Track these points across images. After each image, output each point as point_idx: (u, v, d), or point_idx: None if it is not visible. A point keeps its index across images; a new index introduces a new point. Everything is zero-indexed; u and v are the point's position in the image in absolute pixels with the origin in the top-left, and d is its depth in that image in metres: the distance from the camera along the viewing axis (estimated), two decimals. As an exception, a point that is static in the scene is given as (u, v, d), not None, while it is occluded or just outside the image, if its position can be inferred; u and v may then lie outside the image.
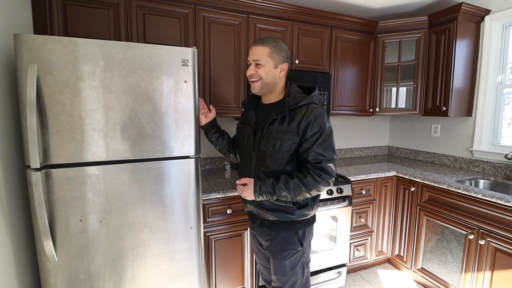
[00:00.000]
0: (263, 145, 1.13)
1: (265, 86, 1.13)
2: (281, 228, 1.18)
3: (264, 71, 1.10)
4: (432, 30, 2.13)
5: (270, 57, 1.10)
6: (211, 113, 1.39)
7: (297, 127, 1.06)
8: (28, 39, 0.98)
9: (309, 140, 1.06)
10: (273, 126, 1.11)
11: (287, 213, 1.14)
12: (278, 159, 1.10)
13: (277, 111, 1.10)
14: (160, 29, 1.63)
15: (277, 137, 1.09)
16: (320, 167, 1.06)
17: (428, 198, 1.92)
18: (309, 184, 1.05)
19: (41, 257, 1.09)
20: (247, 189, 1.13)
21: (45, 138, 1.04)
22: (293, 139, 1.07)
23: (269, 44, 1.10)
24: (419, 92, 2.23)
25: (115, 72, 1.09)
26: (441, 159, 2.38)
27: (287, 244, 1.18)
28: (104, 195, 1.14)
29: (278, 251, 1.19)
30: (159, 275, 1.27)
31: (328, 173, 1.06)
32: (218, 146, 1.41)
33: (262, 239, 1.26)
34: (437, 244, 1.88)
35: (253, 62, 1.11)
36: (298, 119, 1.07)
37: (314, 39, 2.05)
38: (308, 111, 1.07)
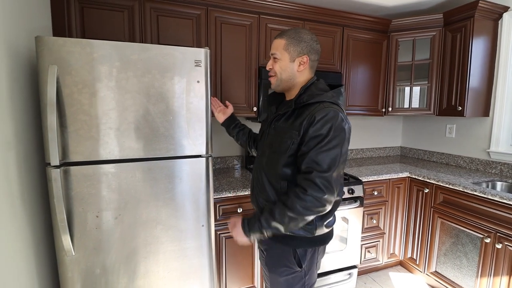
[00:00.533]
0: (266, 142, 1.05)
1: (281, 82, 1.02)
2: (277, 240, 1.01)
3: (279, 66, 1.00)
4: (448, 28, 2.08)
5: (286, 50, 0.98)
6: (228, 109, 1.40)
7: (300, 125, 0.91)
8: (49, 41, 1.02)
9: (307, 143, 0.88)
10: (279, 122, 1.01)
11: None
12: (275, 159, 0.97)
13: (285, 107, 1.00)
14: (173, 30, 1.66)
15: (279, 135, 0.98)
16: (308, 179, 0.86)
17: (443, 200, 1.87)
18: (294, 205, 0.86)
19: (59, 251, 1.13)
20: (234, 229, 0.99)
21: (64, 137, 1.07)
22: (293, 138, 0.92)
23: (286, 35, 0.99)
24: (434, 91, 2.18)
25: (130, 73, 1.12)
26: (456, 160, 2.32)
27: (282, 260, 1.02)
28: (119, 192, 1.17)
29: (272, 264, 1.06)
30: (171, 271, 1.30)
31: (316, 186, 0.85)
32: (239, 141, 1.39)
33: (261, 246, 1.14)
34: (452, 247, 1.83)
35: (271, 56, 1.03)
36: (304, 117, 0.91)
37: (325, 39, 2.04)
38: (316, 110, 0.89)
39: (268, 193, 1.01)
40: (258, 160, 1.09)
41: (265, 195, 1.03)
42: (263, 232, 0.93)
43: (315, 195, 0.85)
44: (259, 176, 1.06)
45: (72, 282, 1.16)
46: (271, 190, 1.00)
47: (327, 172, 0.86)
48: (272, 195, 1.00)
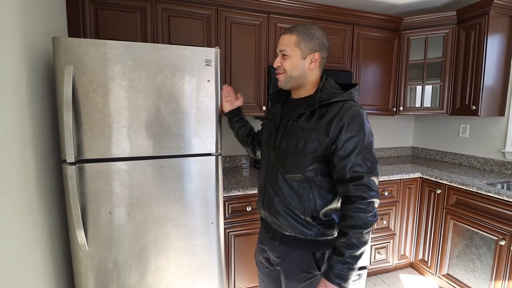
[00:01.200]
0: (284, 143, 0.96)
1: (291, 80, 0.98)
2: (295, 245, 0.98)
3: (289, 63, 0.95)
4: (461, 26, 2.03)
5: (297, 46, 0.94)
6: (238, 101, 1.35)
7: (326, 126, 0.88)
8: (65, 42, 1.05)
9: (344, 146, 0.85)
10: (299, 122, 0.94)
11: (303, 226, 0.94)
12: (299, 161, 0.92)
13: (305, 105, 0.93)
14: (183, 30, 1.68)
15: (302, 135, 0.92)
16: (361, 185, 0.84)
17: (456, 201, 1.84)
18: (364, 221, 0.84)
19: (74, 246, 1.16)
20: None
21: (79, 135, 1.11)
22: (320, 139, 0.88)
23: (297, 31, 0.94)
24: (447, 90, 2.13)
25: (143, 72, 1.15)
26: (470, 161, 2.27)
27: (301, 265, 0.98)
28: (131, 189, 1.20)
29: (291, 271, 0.99)
30: (181, 268, 1.32)
31: (372, 189, 0.85)
32: (238, 136, 1.34)
33: (273, 254, 1.06)
34: (465, 250, 1.79)
35: (279, 52, 0.98)
36: (330, 117, 0.88)
37: (335, 37, 2.03)
38: (343, 110, 0.87)
39: (287, 198, 0.95)
40: (274, 163, 1.00)
41: (283, 200, 0.96)
42: (354, 268, 0.86)
43: (374, 198, 0.85)
44: (274, 180, 0.98)
45: (85, 276, 1.19)
46: (291, 195, 0.94)
47: (374, 171, 0.86)
48: (292, 200, 0.94)
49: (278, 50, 0.99)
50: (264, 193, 1.03)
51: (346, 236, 0.84)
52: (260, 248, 1.14)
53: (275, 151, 1.00)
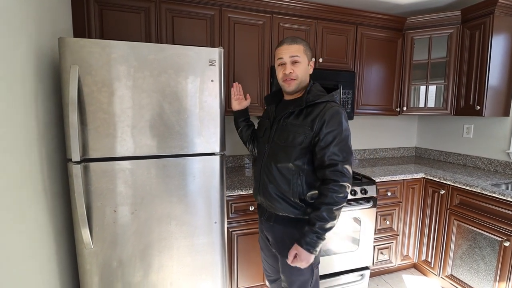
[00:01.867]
0: (276, 137, 1.14)
1: (300, 84, 1.14)
2: (287, 224, 1.14)
3: (300, 69, 1.11)
4: (466, 25, 2.02)
5: (305, 53, 1.12)
6: (246, 102, 1.44)
7: (311, 122, 1.05)
8: (70, 42, 1.07)
9: (324, 139, 1.03)
10: (289, 119, 1.12)
11: (293, 207, 1.11)
12: (289, 152, 1.09)
13: (295, 105, 1.12)
14: (187, 31, 1.69)
15: (291, 130, 1.09)
16: (336, 171, 1.01)
17: (459, 202, 1.83)
18: (335, 199, 1.00)
19: (79, 244, 1.18)
20: (300, 259, 1.03)
21: (84, 134, 1.12)
22: (306, 133, 1.06)
23: (301, 41, 1.12)
24: (451, 90, 2.12)
25: (147, 72, 1.16)
26: (474, 162, 2.25)
27: (292, 242, 1.10)
28: (135, 188, 1.21)
29: (285, 249, 1.13)
30: (184, 266, 1.33)
31: (344, 175, 1.02)
32: (242, 134, 1.45)
33: (269, 235, 1.23)
34: (469, 251, 1.78)
35: (289, 59, 1.10)
36: (314, 115, 1.06)
37: (338, 37, 2.02)
38: (325, 109, 1.05)
39: (279, 183, 1.12)
40: (268, 154, 1.17)
41: (276, 185, 1.13)
42: (322, 238, 1.02)
43: (345, 183, 1.02)
44: (268, 169, 1.15)
45: (90, 274, 1.20)
46: (282, 181, 1.11)
47: (348, 160, 1.03)
48: (283, 185, 1.11)
49: (287, 57, 1.11)
50: (260, 180, 1.19)
51: (318, 210, 1.01)
52: (261, 229, 1.31)
53: (269, 145, 1.17)
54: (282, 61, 1.12)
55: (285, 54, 1.11)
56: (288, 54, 1.10)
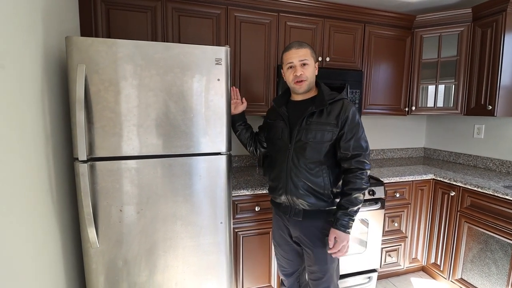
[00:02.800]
0: (303, 136, 1.19)
1: (309, 84, 1.23)
2: (317, 217, 1.23)
3: (309, 71, 1.21)
4: (477, 23, 1.98)
5: (312, 56, 1.22)
6: (242, 106, 1.45)
7: (336, 119, 1.16)
8: (78, 41, 1.07)
9: (348, 133, 1.15)
10: (313, 118, 1.19)
11: (324, 201, 1.20)
12: (319, 148, 1.18)
13: (316, 105, 1.19)
14: (193, 30, 1.68)
15: (318, 129, 1.17)
16: (359, 161, 1.15)
17: (470, 204, 1.78)
18: (361, 186, 1.15)
19: (85, 243, 1.17)
20: (340, 238, 1.16)
21: (91, 133, 1.12)
22: (333, 130, 1.16)
23: (307, 46, 1.22)
24: (461, 90, 2.08)
25: (153, 71, 1.15)
26: (485, 163, 2.20)
27: (322, 232, 1.23)
28: (141, 188, 1.21)
29: (317, 240, 1.23)
30: (190, 266, 1.32)
31: (367, 164, 1.17)
32: (241, 137, 1.47)
33: (295, 230, 1.28)
34: (480, 254, 1.74)
35: (299, 62, 1.20)
36: (336, 112, 1.16)
37: (346, 36, 2.00)
38: (345, 106, 1.17)
39: (311, 179, 1.19)
40: (294, 153, 1.22)
41: (307, 182, 1.20)
42: (353, 219, 1.17)
43: (367, 171, 1.17)
44: (296, 167, 1.21)
45: (96, 273, 1.20)
46: (314, 176, 1.19)
47: (367, 150, 1.18)
48: (315, 181, 1.19)
49: (296, 61, 1.20)
50: (286, 180, 1.23)
51: (349, 196, 1.15)
52: (281, 225, 1.36)
53: (292, 144, 1.22)
54: (292, 65, 1.21)
55: (294, 58, 1.20)
56: (298, 58, 1.19)
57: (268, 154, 1.42)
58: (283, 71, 1.29)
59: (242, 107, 1.45)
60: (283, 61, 1.26)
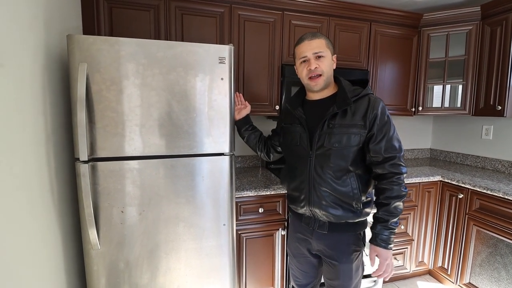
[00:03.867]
0: (326, 142, 1.04)
1: (327, 80, 1.07)
2: (345, 230, 1.10)
3: (325, 64, 1.05)
4: (486, 22, 1.93)
5: (328, 47, 1.07)
6: (245, 110, 1.40)
7: (363, 119, 1.01)
8: (79, 40, 1.05)
9: (378, 133, 1.01)
10: (335, 120, 1.03)
11: (352, 212, 1.07)
12: (345, 154, 1.03)
13: (338, 105, 1.03)
14: (196, 28, 1.66)
15: (342, 132, 1.02)
16: (395, 164, 1.01)
17: (479, 206, 1.74)
18: (400, 193, 1.01)
19: (86, 245, 1.16)
20: (382, 256, 1.04)
21: (93, 133, 1.10)
22: (361, 132, 1.01)
23: (322, 36, 1.07)
24: (470, 90, 2.03)
25: (156, 70, 1.13)
26: (494, 164, 2.15)
27: (351, 246, 1.11)
28: (143, 189, 1.18)
29: (344, 254, 1.11)
30: (192, 269, 1.29)
31: (402, 166, 1.02)
32: (249, 142, 1.41)
33: (320, 244, 1.15)
34: (489, 258, 1.69)
35: (313, 55, 1.05)
36: (362, 111, 1.01)
37: (351, 35, 1.96)
38: (372, 102, 1.02)
39: (337, 189, 1.05)
40: (316, 160, 1.07)
41: (333, 192, 1.06)
42: (395, 232, 1.03)
43: (404, 175, 1.02)
44: (320, 176, 1.06)
45: (97, 275, 1.18)
46: (340, 186, 1.05)
47: (402, 151, 1.03)
48: (342, 191, 1.05)
49: (310, 53, 1.05)
50: (309, 191, 1.09)
51: (387, 206, 1.01)
52: (302, 239, 1.21)
53: (314, 151, 1.07)
54: (306, 59, 1.06)
55: (308, 51, 1.05)
56: (311, 51, 1.04)
57: (286, 161, 1.28)
58: (296, 67, 1.15)
59: (245, 111, 1.39)
60: (295, 56, 1.12)
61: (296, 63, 1.13)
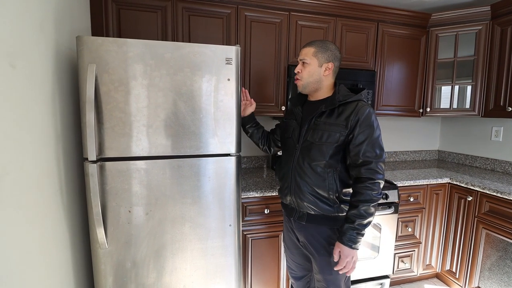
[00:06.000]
0: (309, 136, 1.15)
1: (308, 85, 1.18)
2: (321, 223, 1.16)
3: (306, 70, 1.16)
4: (496, 22, 1.90)
5: (315, 56, 1.15)
6: (251, 108, 1.45)
7: (345, 121, 1.08)
8: (88, 41, 1.06)
9: (358, 137, 1.07)
10: (321, 118, 1.14)
11: (327, 205, 1.14)
12: (324, 150, 1.11)
13: (326, 105, 1.14)
14: (203, 29, 1.67)
15: (325, 129, 1.12)
16: (370, 169, 1.05)
17: (489, 209, 1.71)
18: (372, 197, 1.04)
19: (94, 244, 1.17)
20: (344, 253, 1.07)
21: (101, 133, 1.11)
22: (341, 131, 1.09)
23: (315, 44, 1.16)
24: (479, 91, 2.00)
25: (163, 71, 1.14)
26: (504, 167, 2.11)
27: (327, 240, 1.17)
28: (150, 189, 1.19)
29: (321, 247, 1.17)
30: (198, 269, 1.30)
31: (378, 173, 1.05)
32: (252, 137, 1.47)
33: (300, 234, 1.24)
34: (498, 262, 1.66)
35: (299, 61, 1.18)
36: (347, 114, 1.09)
37: (358, 35, 1.95)
38: (357, 108, 1.08)
39: (314, 181, 1.13)
40: (300, 153, 1.17)
41: (310, 184, 1.14)
42: (362, 234, 1.07)
43: (380, 180, 1.05)
44: (301, 168, 1.16)
45: (104, 274, 1.19)
46: (317, 179, 1.13)
47: (381, 157, 1.07)
48: (318, 183, 1.13)
49: (298, 59, 1.19)
50: (291, 181, 1.19)
51: (356, 208, 1.05)
52: (288, 228, 1.32)
53: (299, 144, 1.18)
54: (298, 61, 1.21)
55: (299, 56, 1.19)
56: (300, 56, 1.19)
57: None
58: None
59: (251, 109, 1.44)
60: None
61: None
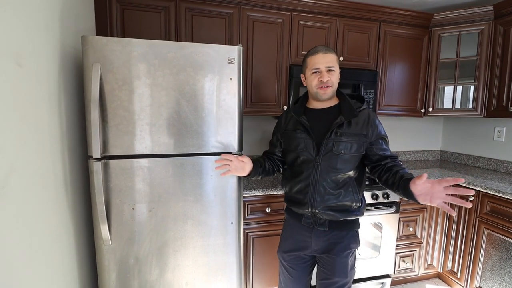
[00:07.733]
0: (334, 148, 1.13)
1: (333, 91, 1.19)
2: (345, 227, 1.20)
3: (335, 77, 1.16)
4: (499, 22, 1.90)
5: (337, 63, 1.17)
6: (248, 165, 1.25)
7: (365, 129, 1.14)
8: (93, 41, 1.08)
9: (378, 141, 1.16)
10: (342, 129, 1.14)
11: (351, 211, 1.17)
12: (350, 160, 1.14)
13: (345, 115, 1.14)
14: (206, 29, 1.68)
15: (349, 140, 1.13)
16: (394, 159, 1.15)
17: (491, 209, 1.71)
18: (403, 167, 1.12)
19: (98, 240, 1.19)
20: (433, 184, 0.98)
21: (105, 131, 1.13)
22: (364, 140, 1.14)
23: (333, 51, 1.18)
24: (481, 91, 2.00)
25: (167, 70, 1.15)
26: (506, 167, 2.10)
27: (351, 243, 1.20)
28: (153, 186, 1.21)
29: (342, 248, 1.19)
30: (200, 266, 1.31)
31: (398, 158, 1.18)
32: (269, 175, 1.36)
33: (319, 241, 1.19)
34: (500, 262, 1.66)
35: (325, 68, 1.14)
36: (363, 122, 1.14)
37: (360, 35, 1.96)
38: (370, 115, 1.17)
39: (340, 192, 1.15)
40: (322, 165, 1.14)
41: (336, 195, 1.15)
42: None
43: None
44: (325, 180, 1.15)
45: (108, 270, 1.21)
46: (342, 189, 1.15)
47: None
48: (343, 194, 1.15)
49: (323, 66, 1.14)
50: (314, 193, 1.16)
51: (403, 169, 1.08)
52: (300, 240, 1.24)
53: (321, 156, 1.14)
54: (318, 70, 1.15)
55: (321, 64, 1.13)
56: (325, 64, 1.13)
57: (288, 166, 1.29)
58: (304, 76, 1.21)
59: (248, 167, 1.25)
60: (307, 66, 1.17)
61: (307, 72, 1.18)
